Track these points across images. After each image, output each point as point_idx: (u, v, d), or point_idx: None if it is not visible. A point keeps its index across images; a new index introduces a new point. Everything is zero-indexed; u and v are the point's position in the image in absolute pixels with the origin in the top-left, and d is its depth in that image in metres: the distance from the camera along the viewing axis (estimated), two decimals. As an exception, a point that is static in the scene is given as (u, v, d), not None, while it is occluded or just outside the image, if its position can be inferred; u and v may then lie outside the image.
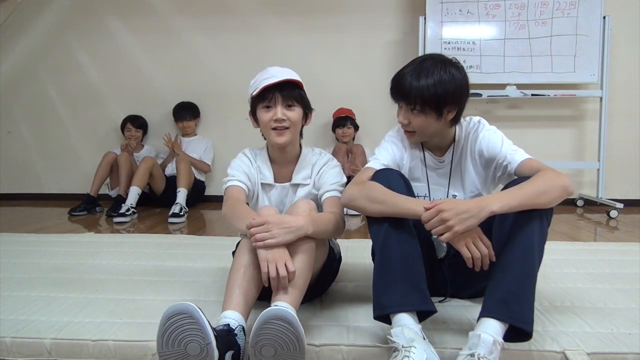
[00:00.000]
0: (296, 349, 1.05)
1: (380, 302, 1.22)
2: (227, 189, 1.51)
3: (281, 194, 1.56)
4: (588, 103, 3.96)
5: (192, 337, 1.02)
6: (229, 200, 1.45)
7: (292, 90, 1.46)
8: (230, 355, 1.07)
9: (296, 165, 1.56)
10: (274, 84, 1.42)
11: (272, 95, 1.44)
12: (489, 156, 1.40)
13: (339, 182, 1.52)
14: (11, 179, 4.39)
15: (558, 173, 1.23)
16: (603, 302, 1.55)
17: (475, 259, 1.18)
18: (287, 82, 1.44)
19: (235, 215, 1.38)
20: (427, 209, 1.17)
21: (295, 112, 1.47)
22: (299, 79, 1.48)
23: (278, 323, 1.04)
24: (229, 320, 1.14)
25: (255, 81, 1.48)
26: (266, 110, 1.46)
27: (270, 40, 4.11)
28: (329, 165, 1.55)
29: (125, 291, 1.69)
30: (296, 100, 1.47)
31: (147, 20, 4.18)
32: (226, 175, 1.54)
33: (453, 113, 1.36)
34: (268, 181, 1.56)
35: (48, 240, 2.54)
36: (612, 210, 3.39)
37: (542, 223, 1.20)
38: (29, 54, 4.29)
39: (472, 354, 1.05)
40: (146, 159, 3.62)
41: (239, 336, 1.12)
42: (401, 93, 1.34)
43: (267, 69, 1.47)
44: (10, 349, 1.29)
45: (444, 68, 1.31)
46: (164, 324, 1.03)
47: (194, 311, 1.02)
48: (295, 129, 1.49)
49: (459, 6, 3.69)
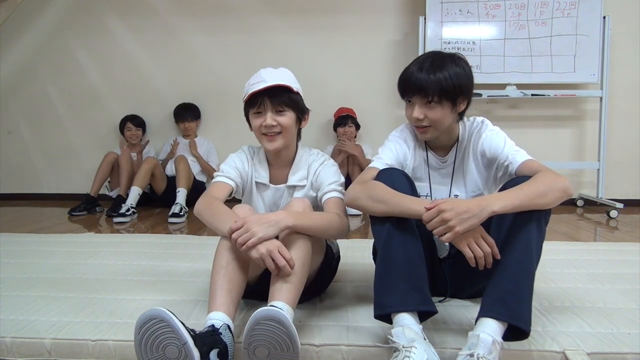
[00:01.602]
0: (289, 349, 1.05)
1: (381, 302, 1.22)
2: (212, 183, 1.50)
3: (275, 195, 1.55)
4: (588, 103, 3.96)
5: (168, 341, 1.02)
6: (206, 198, 1.42)
7: (282, 95, 1.42)
8: (215, 353, 1.07)
9: (292, 166, 1.55)
10: (262, 90, 1.39)
11: (261, 100, 1.42)
12: (491, 156, 1.41)
13: (337, 181, 1.50)
14: (11, 179, 4.39)
15: (558, 175, 1.24)
16: (603, 302, 1.55)
17: (478, 258, 1.17)
18: (277, 86, 1.41)
19: (214, 215, 1.35)
20: (428, 209, 1.17)
21: (286, 116, 1.44)
22: (289, 83, 1.44)
23: (269, 324, 1.04)
24: (213, 321, 1.15)
25: (247, 84, 1.46)
26: (257, 116, 1.45)
27: (270, 40, 4.11)
28: (326, 165, 1.54)
29: (125, 291, 1.69)
30: (287, 105, 1.44)
31: (147, 20, 4.19)
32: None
33: (464, 104, 1.39)
34: (263, 181, 1.54)
35: (48, 240, 2.54)
36: (612, 210, 3.39)
37: (540, 223, 1.20)
38: (29, 54, 4.29)
39: (471, 354, 1.05)
40: (148, 160, 3.62)
41: (224, 335, 1.12)
42: (416, 87, 1.34)
43: (259, 72, 1.45)
44: (10, 349, 1.29)
45: (454, 61, 1.35)
46: (139, 332, 1.03)
47: (164, 315, 1.02)
48: (287, 133, 1.46)
49: (459, 6, 3.70)
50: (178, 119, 4.06)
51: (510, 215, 1.20)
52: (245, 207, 1.41)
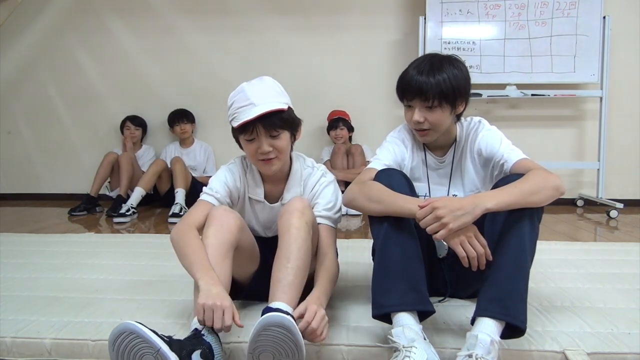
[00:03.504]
0: (295, 355, 1.05)
1: (378, 302, 1.22)
2: (198, 202, 1.44)
3: (270, 213, 1.51)
4: (588, 103, 3.96)
5: (143, 351, 1.02)
6: (181, 226, 1.35)
7: (274, 119, 1.33)
8: (198, 354, 1.07)
9: (286, 183, 1.49)
10: (254, 119, 1.31)
11: (253, 128, 1.33)
12: (487, 155, 1.41)
13: (333, 207, 1.45)
14: (11, 179, 4.39)
15: (550, 173, 1.24)
16: (603, 302, 1.55)
17: (471, 258, 1.17)
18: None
19: (182, 253, 1.29)
20: (422, 207, 1.17)
21: (281, 139, 1.37)
22: (279, 103, 1.35)
23: (276, 330, 1.03)
24: (195, 325, 1.15)
25: (231, 104, 1.37)
26: (249, 143, 1.37)
27: (270, 40, 4.11)
28: (322, 183, 1.48)
29: (125, 291, 1.69)
30: (281, 127, 1.36)
31: (147, 20, 4.18)
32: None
33: (463, 106, 1.40)
34: (258, 198, 1.50)
35: (48, 240, 2.54)
36: (612, 210, 3.39)
37: (532, 221, 1.21)
38: (29, 54, 4.29)
39: (470, 354, 1.06)
40: (157, 162, 3.63)
41: (206, 336, 1.12)
42: (416, 91, 1.34)
43: (244, 90, 1.34)
44: (10, 349, 1.29)
45: (452, 63, 1.35)
46: (112, 349, 1.03)
47: (133, 327, 1.02)
48: (284, 154, 1.40)
49: (459, 6, 3.69)
50: (174, 123, 4.00)
51: (503, 213, 1.20)
52: (220, 208, 1.36)
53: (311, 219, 1.34)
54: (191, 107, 4.11)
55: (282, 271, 1.22)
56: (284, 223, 1.29)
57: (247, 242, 1.40)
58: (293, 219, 1.28)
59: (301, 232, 1.27)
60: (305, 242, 1.28)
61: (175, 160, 3.63)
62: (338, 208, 1.48)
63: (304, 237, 1.28)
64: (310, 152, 2.98)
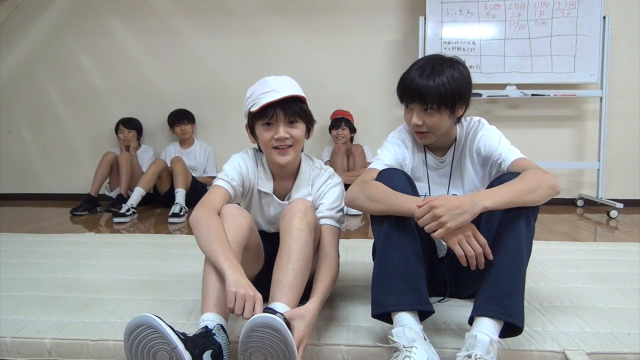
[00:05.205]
0: (286, 355, 1.04)
1: (377, 301, 1.22)
2: (213, 186, 1.43)
3: (277, 209, 1.51)
4: (588, 103, 3.96)
5: (158, 346, 1.02)
6: (203, 208, 1.32)
7: (294, 106, 1.37)
8: (209, 354, 1.07)
9: (295, 181, 1.50)
10: (277, 101, 1.34)
11: (274, 112, 1.35)
12: (485, 154, 1.41)
13: (338, 206, 1.46)
14: (11, 179, 4.39)
15: (545, 172, 1.25)
16: (603, 302, 1.55)
17: (469, 257, 1.16)
18: (290, 97, 1.35)
19: (204, 237, 1.25)
20: (420, 206, 1.17)
21: (298, 129, 1.39)
22: (301, 92, 1.40)
23: (265, 331, 1.03)
24: (206, 322, 1.15)
25: (252, 94, 1.39)
26: (267, 128, 1.38)
27: (270, 40, 4.11)
28: (329, 184, 1.49)
29: (125, 291, 1.69)
30: (299, 116, 1.39)
31: (147, 21, 4.19)
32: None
33: (462, 109, 1.39)
34: (267, 191, 1.50)
35: (48, 240, 2.54)
36: (612, 210, 3.39)
37: (529, 220, 1.21)
38: (29, 54, 4.29)
39: (469, 355, 1.06)
40: (157, 162, 3.63)
41: (217, 335, 1.12)
42: (415, 94, 1.34)
43: (265, 81, 1.38)
44: (10, 349, 1.29)
45: (452, 66, 1.34)
46: (128, 340, 1.02)
47: (152, 321, 1.01)
48: (298, 146, 1.42)
49: (459, 6, 3.69)
50: (174, 123, 4.00)
51: (499, 212, 1.20)
52: (233, 207, 1.36)
53: (313, 221, 1.34)
54: (191, 107, 4.11)
55: (283, 272, 1.23)
56: (286, 224, 1.29)
57: (254, 243, 1.41)
58: (295, 220, 1.29)
59: (302, 234, 1.27)
60: (306, 244, 1.28)
61: (176, 160, 3.63)
62: (341, 208, 1.49)
63: (305, 239, 1.28)
64: (311, 152, 2.97)
